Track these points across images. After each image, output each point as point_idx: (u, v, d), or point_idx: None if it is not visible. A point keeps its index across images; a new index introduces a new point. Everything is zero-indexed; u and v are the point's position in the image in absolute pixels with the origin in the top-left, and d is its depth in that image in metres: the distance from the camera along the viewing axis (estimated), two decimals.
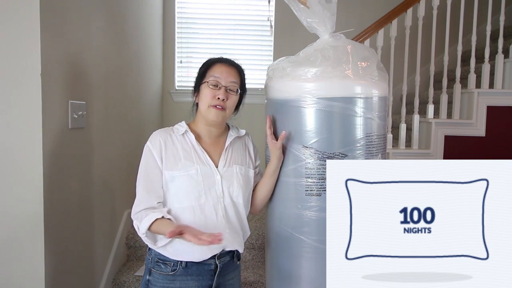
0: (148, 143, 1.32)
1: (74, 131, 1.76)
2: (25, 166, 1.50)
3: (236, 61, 1.39)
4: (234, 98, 1.33)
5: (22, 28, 1.45)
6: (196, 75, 1.38)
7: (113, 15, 2.23)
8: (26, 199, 1.51)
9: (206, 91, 1.31)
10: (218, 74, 1.31)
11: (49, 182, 1.55)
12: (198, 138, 1.35)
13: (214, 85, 1.30)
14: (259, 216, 2.85)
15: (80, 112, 1.78)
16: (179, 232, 1.11)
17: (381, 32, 2.52)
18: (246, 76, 1.39)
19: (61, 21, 1.62)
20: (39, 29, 1.45)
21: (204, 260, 1.31)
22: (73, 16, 1.73)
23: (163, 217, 1.23)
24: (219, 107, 1.29)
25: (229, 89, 1.31)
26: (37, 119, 1.49)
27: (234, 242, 1.34)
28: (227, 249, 1.34)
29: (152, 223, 1.22)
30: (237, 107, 1.39)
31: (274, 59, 3.24)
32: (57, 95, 1.60)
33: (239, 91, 1.34)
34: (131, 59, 2.59)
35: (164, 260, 1.31)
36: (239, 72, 1.36)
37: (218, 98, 1.29)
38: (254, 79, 3.41)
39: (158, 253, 1.32)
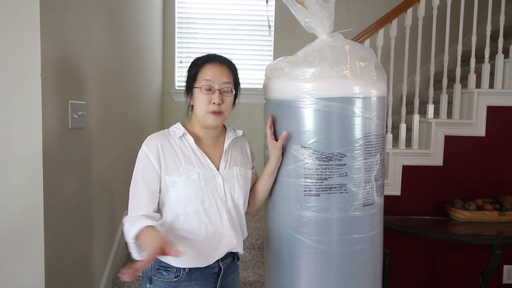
0: (143, 147, 1.26)
1: (74, 131, 1.76)
2: (25, 166, 1.50)
3: (227, 57, 1.32)
4: (229, 99, 1.28)
5: (22, 28, 1.45)
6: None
7: (113, 15, 2.24)
8: (26, 199, 1.51)
9: (200, 97, 1.26)
10: (210, 76, 1.25)
11: (49, 182, 1.55)
12: (196, 140, 1.31)
13: (207, 90, 1.25)
14: (259, 216, 2.85)
15: (80, 112, 1.78)
16: (160, 253, 1.07)
17: (381, 32, 2.51)
18: (245, 76, 1.38)
19: (61, 21, 1.63)
20: (39, 29, 1.45)
21: (208, 264, 1.29)
22: (73, 16, 1.73)
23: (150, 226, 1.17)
24: (216, 112, 1.25)
25: (223, 91, 1.26)
26: (37, 119, 1.48)
27: (238, 244, 1.32)
28: (232, 251, 1.34)
29: (142, 229, 1.16)
30: (233, 102, 1.34)
31: (274, 59, 3.21)
32: (57, 95, 1.61)
33: (234, 91, 1.30)
34: (131, 59, 2.59)
35: (166, 267, 1.27)
36: (231, 69, 1.30)
37: (214, 103, 1.24)
38: (254, 79, 3.38)
39: (159, 260, 1.27)
